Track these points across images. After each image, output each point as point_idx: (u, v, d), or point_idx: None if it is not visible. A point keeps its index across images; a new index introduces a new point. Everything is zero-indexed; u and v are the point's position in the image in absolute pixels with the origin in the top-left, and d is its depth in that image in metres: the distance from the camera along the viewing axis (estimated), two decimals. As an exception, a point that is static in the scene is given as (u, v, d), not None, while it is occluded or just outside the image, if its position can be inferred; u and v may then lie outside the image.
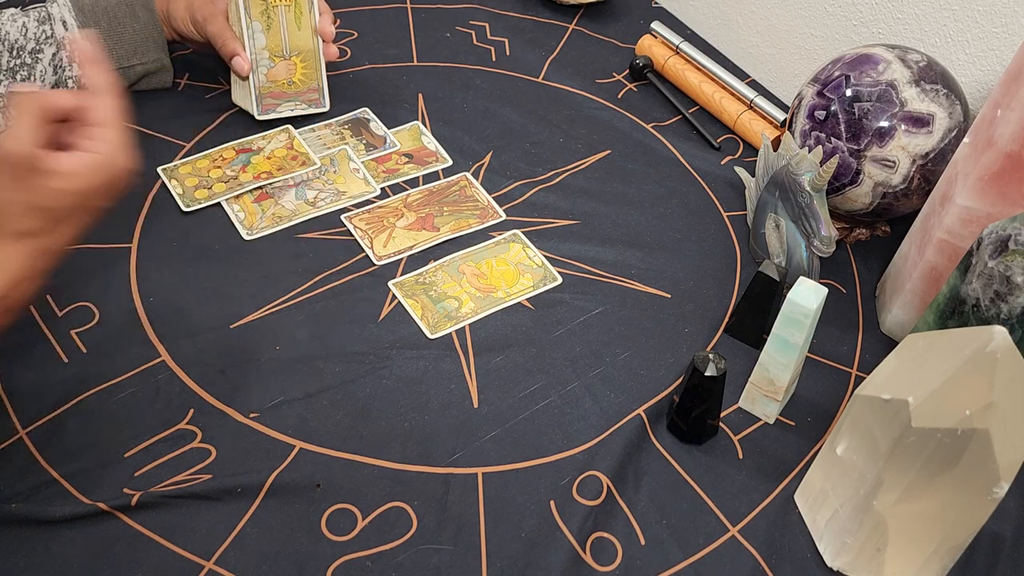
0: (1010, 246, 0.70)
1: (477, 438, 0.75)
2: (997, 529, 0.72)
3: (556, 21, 1.18)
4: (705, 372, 0.72)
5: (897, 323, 0.86)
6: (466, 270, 0.87)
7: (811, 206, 0.83)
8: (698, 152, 1.03)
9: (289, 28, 0.89)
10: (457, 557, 0.68)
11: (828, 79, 0.87)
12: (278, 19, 0.88)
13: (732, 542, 0.71)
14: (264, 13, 0.87)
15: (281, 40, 0.89)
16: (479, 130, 1.01)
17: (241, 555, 0.67)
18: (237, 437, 0.73)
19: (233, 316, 0.81)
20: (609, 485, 0.73)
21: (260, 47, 0.89)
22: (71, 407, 0.73)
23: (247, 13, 0.86)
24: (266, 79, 0.91)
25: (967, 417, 0.57)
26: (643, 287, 0.88)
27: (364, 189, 0.94)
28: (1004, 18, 0.86)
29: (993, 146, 0.73)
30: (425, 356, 0.80)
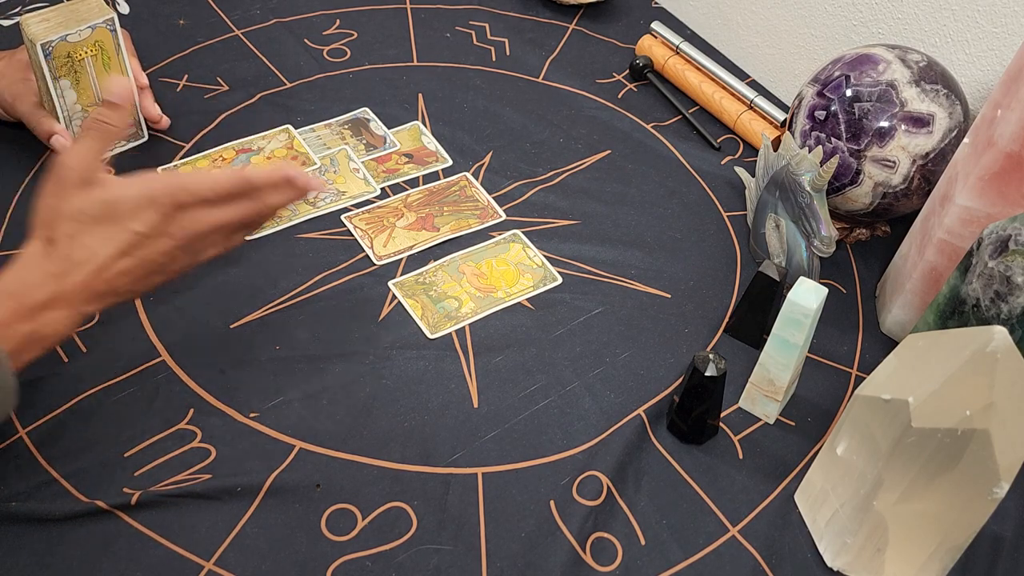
0: (1010, 246, 0.70)
1: (477, 438, 0.75)
2: (997, 529, 0.72)
3: (556, 21, 1.18)
4: (705, 372, 0.72)
5: (897, 323, 0.86)
6: (466, 270, 0.87)
7: (811, 206, 0.83)
8: (698, 152, 1.03)
9: (98, 75, 0.87)
10: (457, 557, 0.68)
11: (828, 79, 0.87)
12: (86, 71, 0.86)
13: (732, 542, 0.71)
14: (71, 69, 0.85)
15: (92, 90, 0.88)
16: (479, 130, 1.01)
17: (241, 555, 0.67)
18: (237, 437, 0.73)
19: (233, 316, 0.81)
20: (609, 485, 0.73)
21: (72, 102, 0.87)
22: (71, 407, 0.73)
23: (53, 74, 0.85)
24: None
25: (967, 417, 0.57)
26: (643, 287, 0.88)
27: (364, 189, 0.94)
28: (1004, 18, 0.86)
29: (993, 146, 0.73)
30: (425, 356, 0.80)
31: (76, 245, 0.66)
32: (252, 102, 1.01)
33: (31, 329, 0.65)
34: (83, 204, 0.66)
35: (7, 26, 1.07)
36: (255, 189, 0.70)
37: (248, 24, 1.11)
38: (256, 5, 1.13)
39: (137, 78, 0.92)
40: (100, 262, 0.67)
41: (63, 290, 0.66)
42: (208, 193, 0.68)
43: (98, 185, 0.67)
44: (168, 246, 0.69)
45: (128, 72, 0.90)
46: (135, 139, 0.95)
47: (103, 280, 0.67)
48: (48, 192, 0.67)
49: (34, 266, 0.66)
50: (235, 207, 0.70)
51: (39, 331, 0.65)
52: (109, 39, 0.86)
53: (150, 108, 0.94)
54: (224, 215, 0.70)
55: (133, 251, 0.67)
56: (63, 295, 0.66)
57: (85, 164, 0.67)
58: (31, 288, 0.65)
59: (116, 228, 0.67)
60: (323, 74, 1.06)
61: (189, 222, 0.69)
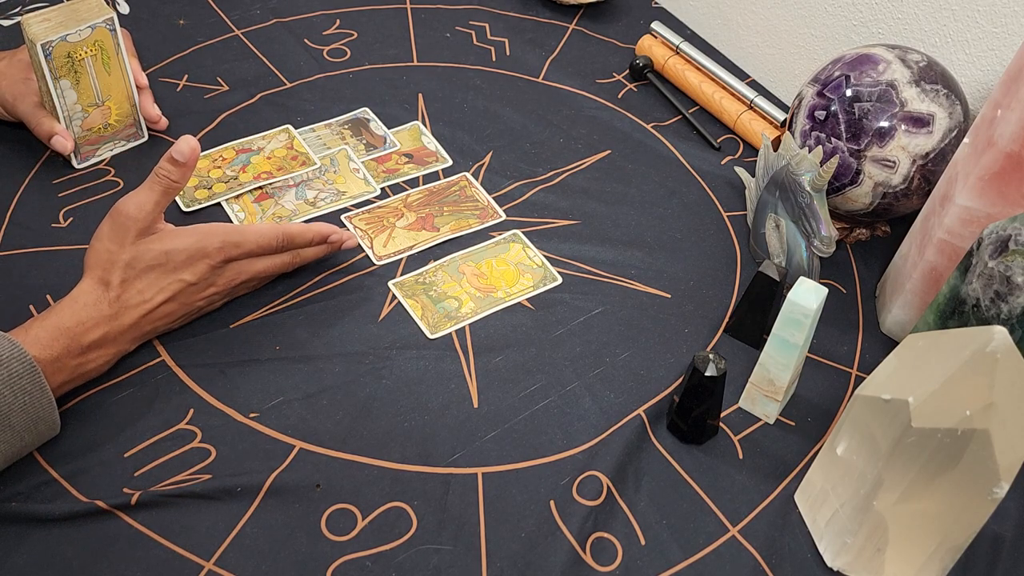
0: (1010, 246, 0.70)
1: (477, 438, 0.75)
2: (997, 529, 0.72)
3: (556, 21, 1.18)
4: (705, 372, 0.72)
5: (897, 323, 0.86)
6: (466, 270, 0.87)
7: (811, 206, 0.83)
8: (698, 152, 1.03)
9: (98, 75, 0.87)
10: (457, 557, 0.68)
11: (828, 79, 0.87)
12: (86, 71, 0.86)
13: (732, 542, 0.71)
14: (71, 69, 0.85)
15: (92, 90, 0.88)
16: (479, 130, 1.01)
17: (241, 555, 0.67)
18: (237, 437, 0.73)
19: (233, 316, 0.81)
20: (609, 485, 0.73)
21: (72, 102, 0.87)
22: (71, 407, 0.73)
23: (53, 75, 0.85)
24: (82, 130, 0.90)
25: (967, 417, 0.57)
26: (643, 287, 0.88)
27: (364, 189, 0.94)
28: (1004, 18, 0.86)
29: (993, 146, 0.73)
30: (425, 356, 0.80)
31: (130, 289, 0.72)
32: (252, 102, 1.01)
33: (78, 363, 0.70)
34: (140, 253, 0.72)
35: (7, 26, 1.07)
36: (294, 243, 0.79)
37: (248, 24, 1.11)
38: (256, 5, 1.13)
39: (137, 78, 0.92)
40: (150, 306, 0.73)
41: (113, 330, 0.71)
42: (254, 248, 0.76)
43: (156, 236, 0.73)
44: (211, 292, 0.76)
45: (128, 72, 0.90)
46: (135, 139, 0.95)
47: (149, 321, 0.74)
48: (105, 237, 0.72)
49: (90, 305, 0.70)
50: (274, 259, 0.79)
51: (84, 366, 0.70)
52: (109, 39, 0.86)
53: (149, 108, 0.94)
54: (264, 265, 0.78)
55: (180, 297, 0.74)
56: (112, 335, 0.71)
57: (145, 215, 0.72)
58: (86, 327, 0.70)
59: (169, 278, 0.73)
60: (323, 74, 1.06)
61: (233, 273, 0.76)
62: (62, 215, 0.88)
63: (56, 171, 0.92)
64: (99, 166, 0.93)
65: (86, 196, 0.89)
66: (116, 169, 0.93)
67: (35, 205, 0.88)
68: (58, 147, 0.88)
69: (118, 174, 0.92)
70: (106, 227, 0.72)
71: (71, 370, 0.69)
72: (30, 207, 0.88)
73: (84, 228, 0.86)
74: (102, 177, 0.92)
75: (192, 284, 0.74)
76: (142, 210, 0.72)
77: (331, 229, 0.81)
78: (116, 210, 0.72)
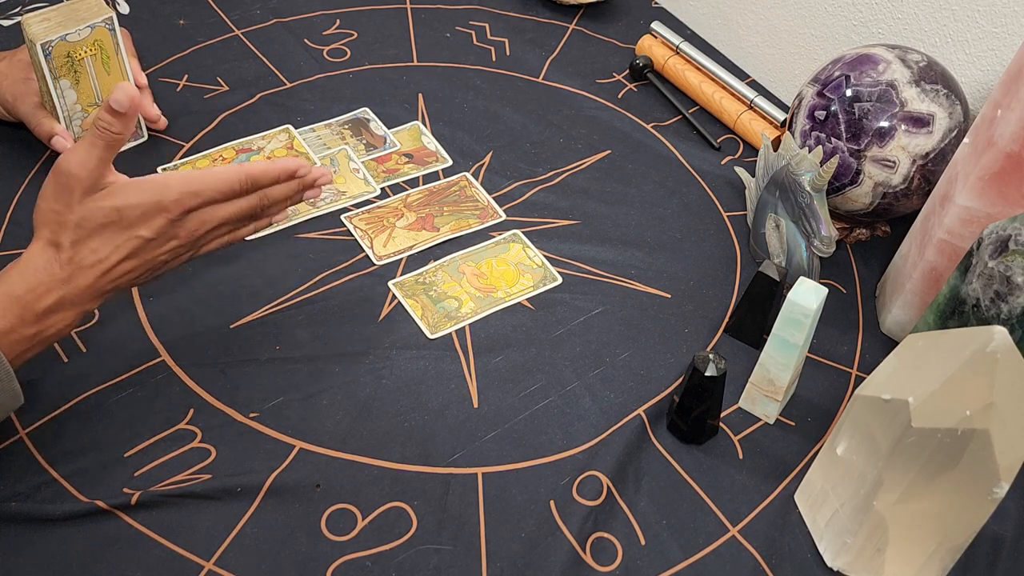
0: (1010, 246, 0.70)
1: (477, 438, 0.75)
2: (997, 529, 0.72)
3: (556, 21, 1.18)
4: (705, 372, 0.72)
5: (897, 323, 0.86)
6: (466, 270, 0.87)
7: (811, 206, 0.83)
8: (698, 152, 1.03)
9: (98, 75, 0.87)
10: (457, 557, 0.68)
11: (828, 79, 0.87)
12: (86, 70, 0.86)
13: (732, 542, 0.71)
14: (71, 69, 0.85)
15: (92, 89, 0.87)
16: (479, 130, 1.01)
17: (241, 555, 0.67)
18: (237, 437, 0.73)
19: (233, 316, 0.81)
20: (609, 485, 0.73)
21: (72, 102, 0.87)
22: (71, 407, 0.73)
23: (53, 75, 0.85)
24: (81, 130, 0.89)
25: (967, 417, 0.57)
26: (643, 287, 0.88)
27: (364, 189, 0.94)
28: (1004, 18, 0.86)
29: (993, 146, 0.73)
30: (425, 356, 0.80)
31: (83, 249, 0.67)
32: (252, 102, 1.01)
33: (35, 331, 0.66)
34: (90, 211, 0.67)
35: (7, 26, 1.07)
36: (258, 184, 0.72)
37: (248, 24, 1.11)
38: (256, 5, 1.13)
39: (136, 78, 0.92)
40: (107, 266, 0.68)
41: (69, 293, 0.67)
42: (215, 195, 0.70)
43: (105, 192, 0.68)
44: (174, 246, 0.70)
45: (128, 72, 0.90)
46: (134, 139, 0.95)
47: (108, 280, 0.68)
48: (51, 196, 0.67)
49: (40, 270, 0.66)
50: (239, 202, 0.72)
51: (43, 333, 0.66)
52: (108, 39, 0.86)
53: (149, 108, 0.94)
54: (228, 211, 0.71)
55: (140, 254, 0.69)
56: (69, 298, 0.67)
57: (89, 172, 0.67)
58: (38, 293, 0.66)
59: (124, 234, 0.68)
60: (323, 74, 1.06)
61: (195, 223, 0.70)
62: (62, 215, 0.88)
63: (56, 171, 0.92)
64: None
65: (86, 196, 0.89)
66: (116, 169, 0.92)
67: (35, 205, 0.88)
68: (58, 147, 0.88)
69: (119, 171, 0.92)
70: (50, 187, 0.67)
71: (29, 339, 0.66)
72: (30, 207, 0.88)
73: (84, 228, 0.86)
74: (102, 177, 0.92)
75: (151, 240, 0.68)
76: (85, 167, 0.66)
77: (298, 163, 0.73)
78: (58, 168, 0.67)
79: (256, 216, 0.74)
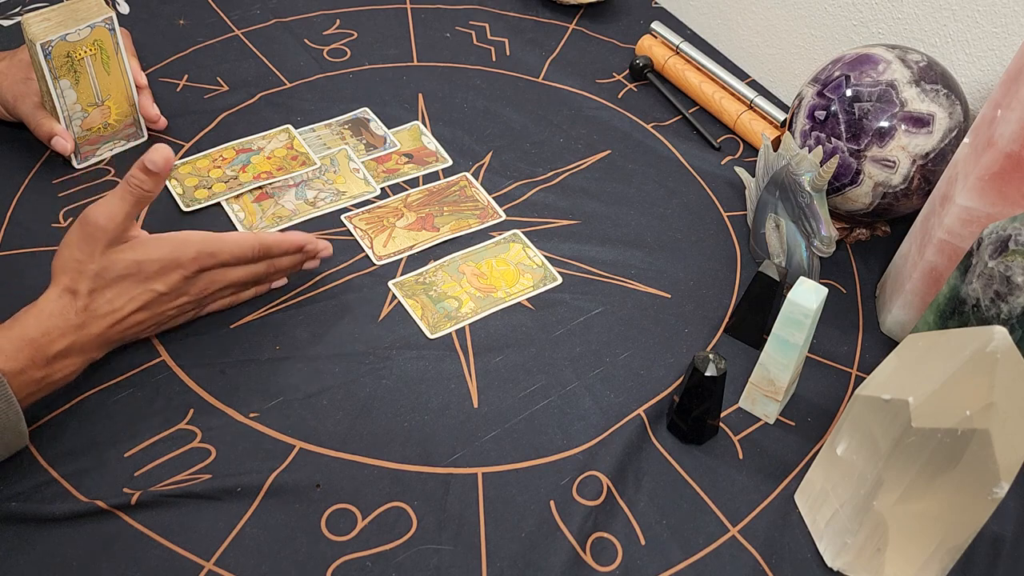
0: (1010, 246, 0.70)
1: (477, 438, 0.75)
2: (997, 529, 0.72)
3: (556, 21, 1.18)
4: (705, 372, 0.72)
5: (897, 323, 0.86)
6: (466, 270, 0.87)
7: (811, 206, 0.83)
8: (698, 152, 1.03)
9: (98, 75, 0.87)
10: (457, 557, 0.68)
11: (828, 79, 0.87)
12: (86, 70, 0.85)
13: (732, 542, 0.71)
14: (71, 69, 0.85)
15: (92, 89, 0.87)
16: (479, 130, 1.01)
17: (241, 555, 0.67)
18: (237, 437, 0.73)
19: (233, 316, 0.81)
20: (609, 485, 0.73)
21: (72, 102, 0.87)
22: (71, 407, 0.73)
23: (53, 75, 0.85)
24: (81, 130, 0.89)
25: (967, 417, 0.57)
26: (643, 287, 0.88)
27: (364, 189, 0.94)
28: (1004, 18, 0.86)
29: (993, 146, 0.73)
30: (425, 356, 0.80)
31: (99, 299, 0.70)
32: (252, 102, 1.01)
33: (44, 375, 0.68)
34: (111, 263, 0.69)
35: (7, 26, 1.07)
36: (270, 253, 0.77)
37: (248, 24, 1.11)
38: (256, 5, 1.13)
39: (136, 78, 0.92)
40: (119, 316, 0.71)
41: (80, 340, 0.69)
42: (229, 258, 0.74)
43: (128, 245, 0.70)
44: (183, 302, 0.74)
45: (128, 72, 0.90)
46: (134, 139, 0.95)
47: (118, 330, 0.72)
48: (75, 244, 0.69)
49: (56, 315, 0.68)
50: (250, 268, 0.77)
51: (50, 377, 0.68)
52: (108, 39, 0.86)
53: (148, 108, 0.94)
54: (238, 274, 0.76)
55: (151, 306, 0.72)
56: (79, 345, 0.69)
57: (116, 225, 0.69)
58: (52, 337, 0.68)
59: (140, 287, 0.71)
60: (323, 74, 1.06)
61: (206, 282, 0.74)
62: (62, 215, 0.88)
63: (56, 171, 0.92)
64: (99, 166, 0.93)
65: (86, 196, 0.89)
66: (116, 169, 0.93)
67: (35, 205, 0.88)
68: (58, 148, 0.88)
69: (118, 174, 0.92)
70: (75, 235, 0.69)
71: (37, 382, 0.67)
72: (30, 207, 0.88)
73: (84, 228, 0.86)
74: (102, 177, 0.92)
75: (164, 294, 0.72)
76: (112, 220, 0.69)
77: (306, 239, 0.79)
78: (85, 219, 0.69)
79: (259, 281, 0.79)
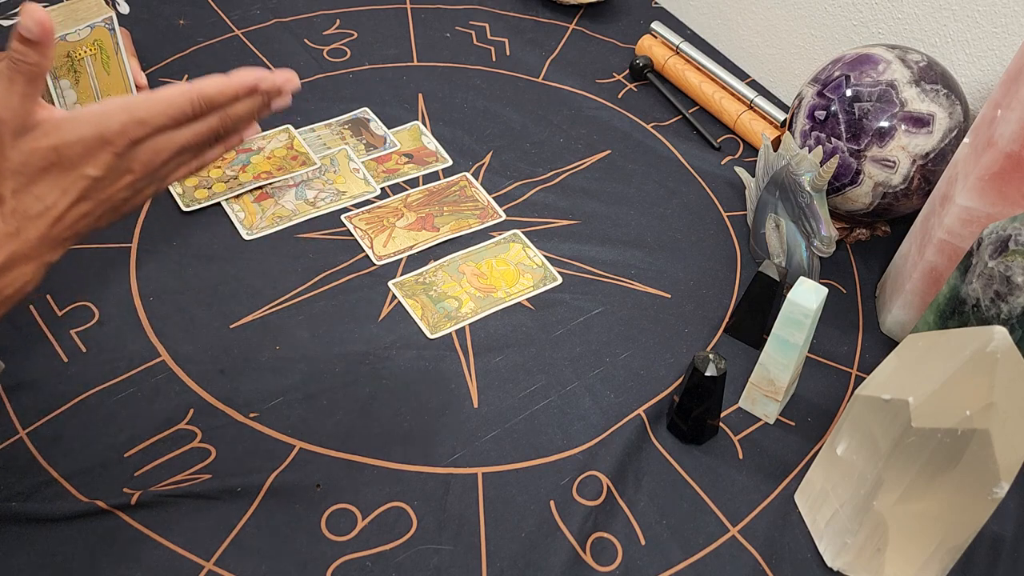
0: (1010, 246, 0.70)
1: (477, 438, 0.75)
2: (997, 529, 0.72)
3: (556, 21, 1.18)
4: (705, 372, 0.72)
5: (897, 323, 0.86)
6: (466, 270, 0.87)
7: (811, 206, 0.83)
8: (698, 152, 1.03)
9: (98, 75, 0.87)
10: (457, 557, 0.68)
11: (828, 79, 0.87)
12: (85, 70, 0.85)
13: (732, 542, 0.71)
14: (71, 69, 0.84)
15: (91, 89, 0.87)
16: (479, 130, 1.01)
17: (241, 555, 0.67)
18: (237, 437, 0.73)
19: (233, 316, 0.81)
20: (609, 485, 0.73)
21: (72, 102, 0.87)
22: (71, 407, 0.73)
23: (53, 75, 0.84)
24: None
25: (967, 417, 0.57)
26: (643, 287, 0.88)
27: (364, 189, 0.94)
28: (1004, 18, 0.86)
29: (993, 146, 0.73)
30: (425, 356, 0.80)
31: (26, 198, 0.61)
32: (252, 102, 1.01)
33: None
34: (26, 156, 0.60)
35: (7, 26, 1.07)
36: (214, 104, 0.65)
37: (248, 24, 1.11)
38: (256, 5, 1.13)
39: (136, 78, 0.92)
40: (57, 212, 0.62)
41: (21, 248, 0.61)
42: (165, 121, 0.62)
43: (38, 132, 0.60)
44: (129, 181, 0.63)
45: (127, 72, 0.90)
46: None
47: (63, 228, 0.63)
48: None
49: None
50: (196, 127, 0.65)
51: (2, 291, 0.61)
52: (108, 38, 0.86)
53: None
54: (185, 137, 0.64)
55: (92, 194, 0.62)
56: (22, 253, 0.61)
57: (13, 111, 0.59)
58: None
59: (69, 176, 0.61)
60: (323, 74, 1.06)
61: (149, 154, 0.63)
62: (62, 215, 0.88)
63: (56, 171, 0.91)
64: None
65: (86, 196, 0.89)
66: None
67: None
68: None
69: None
70: None
71: None
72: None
73: (84, 228, 0.86)
74: (102, 177, 0.92)
75: (100, 178, 0.61)
76: (7, 107, 0.58)
77: (257, 77, 0.65)
78: None
79: (221, 137, 0.67)
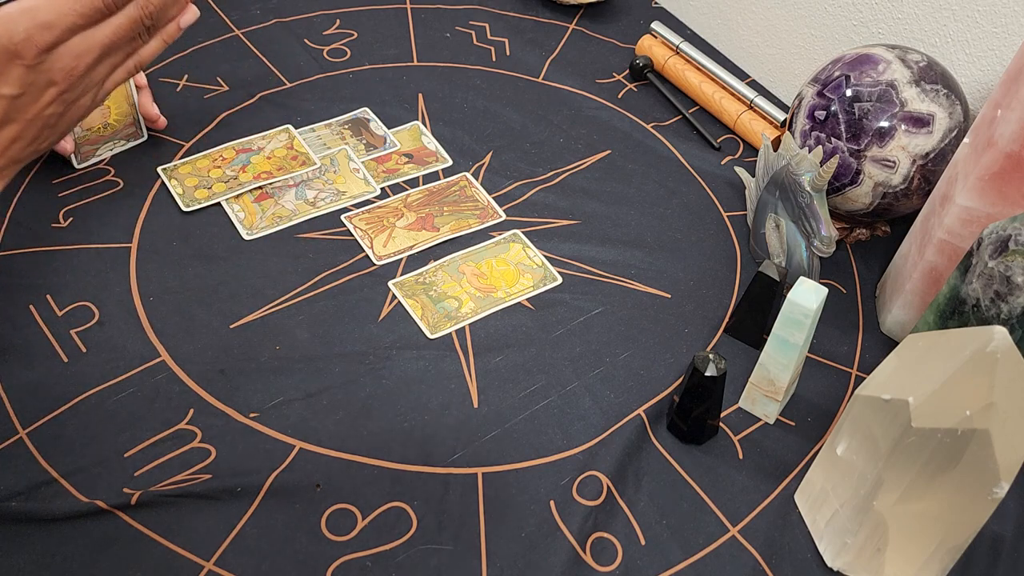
0: (1010, 246, 0.70)
1: (477, 438, 0.75)
2: (997, 529, 0.72)
3: (556, 21, 1.18)
4: (705, 372, 0.72)
5: (897, 323, 0.86)
6: (466, 270, 0.87)
7: (811, 206, 0.83)
8: (698, 152, 1.03)
9: None
10: (457, 557, 0.68)
11: (828, 79, 0.87)
12: None
13: (732, 542, 0.71)
14: None
15: None
16: (479, 130, 1.01)
17: (241, 555, 0.67)
18: (237, 437, 0.73)
19: (233, 316, 0.81)
20: (609, 485, 0.73)
21: None
22: (71, 407, 0.73)
23: None
24: (81, 130, 0.89)
25: (967, 417, 0.57)
26: (643, 287, 0.88)
27: (364, 189, 0.94)
28: (1004, 18, 0.86)
29: (993, 146, 0.73)
30: (425, 356, 0.80)
31: None
32: (252, 102, 1.01)
33: None
34: None
35: None
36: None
37: (248, 24, 1.11)
38: (256, 5, 1.13)
39: (136, 78, 0.92)
40: None
41: None
42: (75, 20, 0.56)
43: None
44: (54, 94, 0.58)
45: None
46: (135, 139, 0.95)
47: None
48: None
49: None
50: (113, 21, 0.59)
51: None
52: None
53: (149, 107, 0.94)
54: (104, 34, 0.58)
55: (15, 115, 0.58)
56: None
57: None
58: None
59: None
60: (323, 74, 1.06)
61: (68, 60, 0.57)
62: (62, 215, 0.88)
63: (56, 171, 0.92)
64: (99, 166, 0.93)
65: (86, 196, 0.89)
66: (116, 169, 0.93)
67: (35, 205, 0.88)
68: (58, 148, 0.88)
69: (118, 174, 0.92)
70: None
71: None
72: (30, 207, 0.88)
73: (84, 228, 0.86)
74: (102, 177, 0.92)
75: (18, 96, 0.56)
76: None
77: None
78: None
79: (151, 28, 0.61)
